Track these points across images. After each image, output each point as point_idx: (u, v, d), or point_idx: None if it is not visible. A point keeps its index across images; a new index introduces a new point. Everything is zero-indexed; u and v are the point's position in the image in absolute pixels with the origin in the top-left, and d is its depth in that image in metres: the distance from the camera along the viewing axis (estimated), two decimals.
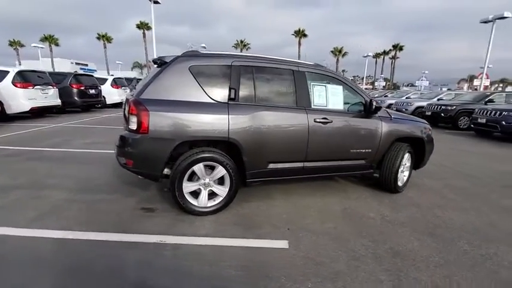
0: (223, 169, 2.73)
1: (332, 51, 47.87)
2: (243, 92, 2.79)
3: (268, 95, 2.95)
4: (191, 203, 2.73)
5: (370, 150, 3.41)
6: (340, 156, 3.31)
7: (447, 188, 4.00)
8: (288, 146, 2.97)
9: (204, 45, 27.31)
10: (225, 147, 2.79)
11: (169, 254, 2.16)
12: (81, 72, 16.16)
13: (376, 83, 59.12)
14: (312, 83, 3.11)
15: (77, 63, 35.65)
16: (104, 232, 2.40)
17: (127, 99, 2.84)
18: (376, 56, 56.74)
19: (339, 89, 3.27)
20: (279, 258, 2.18)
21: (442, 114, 11.07)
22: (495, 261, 2.28)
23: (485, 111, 9.27)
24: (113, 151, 2.91)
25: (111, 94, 12.50)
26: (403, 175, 3.75)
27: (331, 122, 3.10)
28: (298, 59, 3.57)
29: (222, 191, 2.82)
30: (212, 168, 2.75)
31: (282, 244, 2.38)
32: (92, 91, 10.88)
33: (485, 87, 28.08)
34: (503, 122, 8.47)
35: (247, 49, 46.25)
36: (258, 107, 2.82)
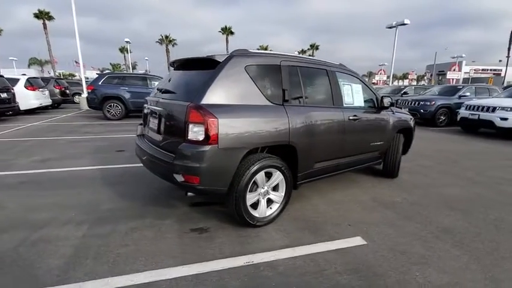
0: (281, 174, 2.62)
1: (258, 49, 49.50)
2: (294, 92, 2.71)
3: (313, 95, 2.95)
4: (253, 215, 2.53)
5: (382, 142, 3.78)
6: (363, 150, 3.57)
7: (424, 169, 4.76)
8: (331, 145, 3.05)
9: (127, 39, 24.53)
10: (281, 151, 2.67)
11: (272, 274, 1.98)
12: None
13: None
14: (341, 82, 3.23)
15: None
16: (181, 266, 2.01)
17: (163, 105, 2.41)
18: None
19: (359, 87, 3.49)
20: (369, 255, 2.24)
21: None
22: (506, 222, 2.87)
23: (406, 102, 11.27)
24: (85, 167, 2.42)
25: (26, 98, 9.98)
26: None
27: (359, 118, 3.30)
28: None
29: (279, 197, 2.70)
30: (269, 174, 2.60)
31: (359, 241, 2.45)
32: (4, 95, 8.51)
33: (384, 82, 33.86)
34: (422, 110, 10.47)
35: (173, 45, 43.74)
36: (309, 107, 2.79)
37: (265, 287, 1.85)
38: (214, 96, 2.23)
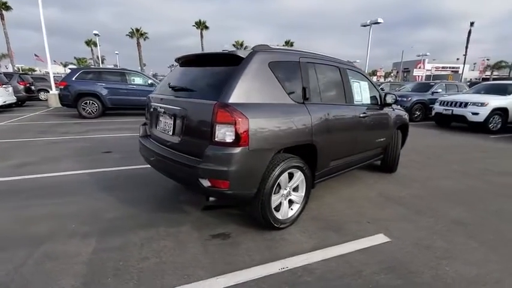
0: (302, 175, 2.55)
1: (234, 45, 48.87)
2: (312, 90, 2.64)
3: (329, 93, 2.90)
4: (278, 218, 2.44)
5: (384, 138, 3.85)
6: (370, 147, 3.61)
7: (417, 163, 4.96)
8: (345, 143, 3.04)
9: (96, 32, 22.94)
10: (300, 150, 2.59)
11: (311, 279, 1.91)
12: None
13: None
14: (352, 80, 3.23)
15: None
16: (215, 277, 1.87)
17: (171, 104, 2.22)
18: None
19: (365, 84, 3.52)
20: (397, 252, 2.26)
21: None
22: (506, 212, 3.05)
23: None
24: (72, 172, 2.23)
25: None
26: None
27: (368, 116, 3.32)
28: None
29: (299, 198, 2.64)
30: (290, 175, 2.52)
31: (382, 238, 2.46)
32: None
33: None
34: (399, 106, 10.93)
35: (144, 39, 41.67)
36: (326, 105, 2.75)
37: None
38: (240, 94, 2.09)
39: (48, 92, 12.80)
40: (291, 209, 2.61)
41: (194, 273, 1.92)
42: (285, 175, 2.40)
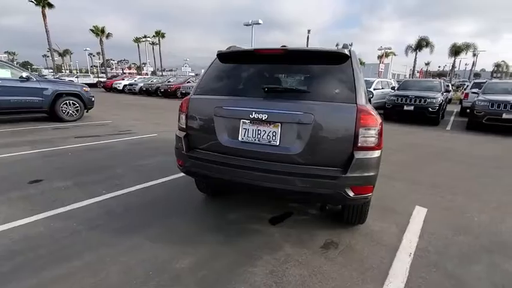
0: None
1: (92, 30, 40.70)
2: None
3: None
4: None
5: None
6: None
7: None
8: None
9: None
10: None
11: (437, 257, 2.16)
12: None
13: (145, 69, 58.88)
14: None
15: None
16: (385, 286, 1.81)
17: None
18: (137, 40, 55.59)
19: None
20: (441, 215, 2.85)
21: None
22: (447, 172, 4.36)
23: None
24: (19, 221, 2.30)
25: None
26: None
27: None
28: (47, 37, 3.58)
29: None
30: None
31: (422, 209, 2.99)
32: None
33: None
34: None
35: None
36: None
37: (449, 266, 2.05)
38: (363, 95, 2.03)
39: None
40: None
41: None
42: None
